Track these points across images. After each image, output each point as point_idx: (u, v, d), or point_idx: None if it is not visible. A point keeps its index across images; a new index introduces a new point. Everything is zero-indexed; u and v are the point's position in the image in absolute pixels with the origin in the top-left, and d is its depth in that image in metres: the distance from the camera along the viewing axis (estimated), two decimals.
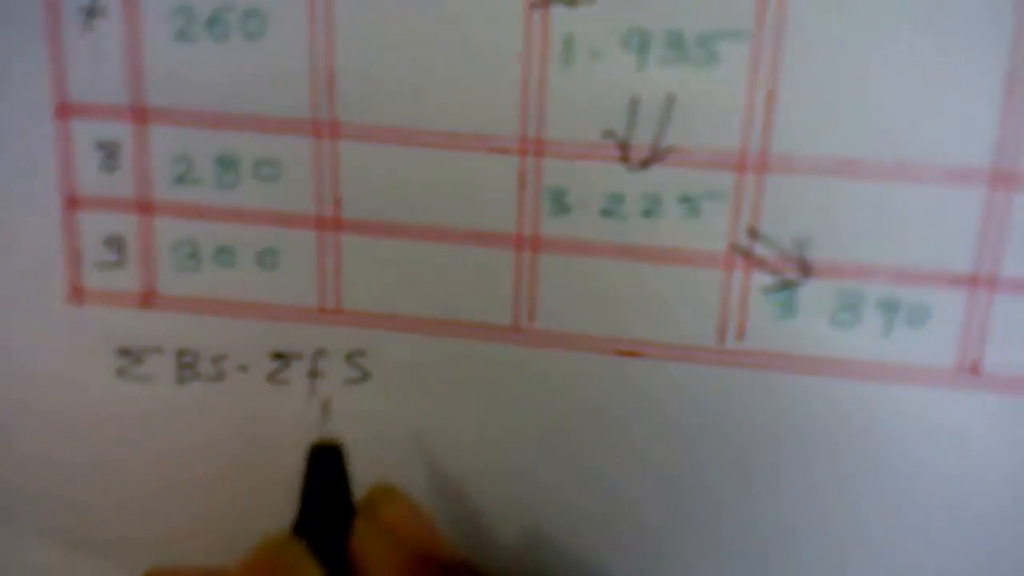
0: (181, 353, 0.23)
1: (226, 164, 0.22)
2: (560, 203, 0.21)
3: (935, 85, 0.19)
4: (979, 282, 0.20)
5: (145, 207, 0.22)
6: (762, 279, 0.20)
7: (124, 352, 0.23)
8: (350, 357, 0.22)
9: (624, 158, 0.20)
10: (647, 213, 0.20)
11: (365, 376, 0.22)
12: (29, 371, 0.23)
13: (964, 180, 0.19)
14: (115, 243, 0.22)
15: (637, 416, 0.21)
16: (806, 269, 0.20)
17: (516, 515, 0.23)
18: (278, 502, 0.22)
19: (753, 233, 0.20)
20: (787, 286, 0.20)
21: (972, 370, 0.20)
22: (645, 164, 0.20)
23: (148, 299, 0.23)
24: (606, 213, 0.21)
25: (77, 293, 0.23)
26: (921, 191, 0.19)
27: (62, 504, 0.24)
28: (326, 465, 0.20)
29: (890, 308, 0.20)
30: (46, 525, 0.24)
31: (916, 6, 0.18)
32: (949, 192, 0.19)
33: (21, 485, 0.24)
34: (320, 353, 0.22)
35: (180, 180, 0.22)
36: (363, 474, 0.21)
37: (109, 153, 0.22)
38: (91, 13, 0.21)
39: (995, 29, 0.18)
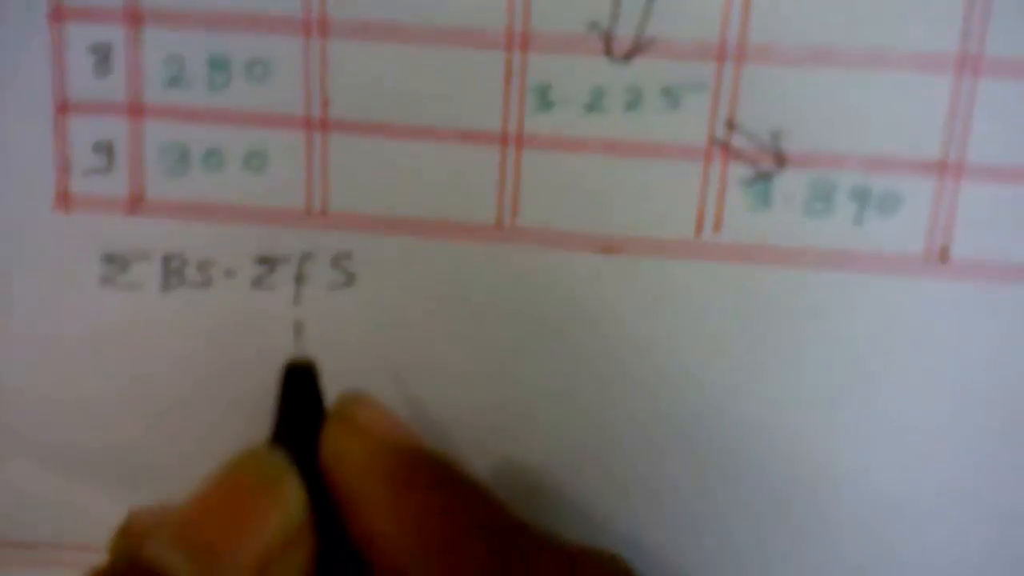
0: (168, 259, 0.23)
1: (217, 65, 0.22)
2: (544, 99, 0.21)
3: None
4: (947, 168, 0.21)
5: (136, 110, 0.22)
6: (739, 171, 0.21)
7: (110, 259, 0.23)
8: (336, 260, 0.23)
9: (607, 50, 0.21)
10: (629, 106, 0.21)
11: (350, 280, 0.23)
12: (15, 279, 0.23)
13: (932, 66, 0.20)
14: (104, 148, 0.23)
15: (619, 310, 0.22)
16: (781, 160, 0.21)
17: (497, 418, 0.23)
18: (262, 411, 0.22)
19: (731, 125, 0.21)
20: (763, 177, 0.21)
21: (941, 256, 0.21)
22: (628, 56, 0.21)
23: (135, 205, 0.23)
24: (589, 108, 0.21)
25: (64, 199, 0.23)
26: (892, 78, 0.20)
27: (39, 410, 0.24)
28: (300, 384, 0.20)
29: (862, 196, 0.21)
30: (22, 434, 0.24)
31: None
32: (918, 78, 0.20)
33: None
34: (306, 257, 0.23)
35: (171, 83, 0.22)
36: (346, 376, 0.21)
37: (102, 57, 0.22)
38: None
39: None
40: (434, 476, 0.18)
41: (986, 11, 0.20)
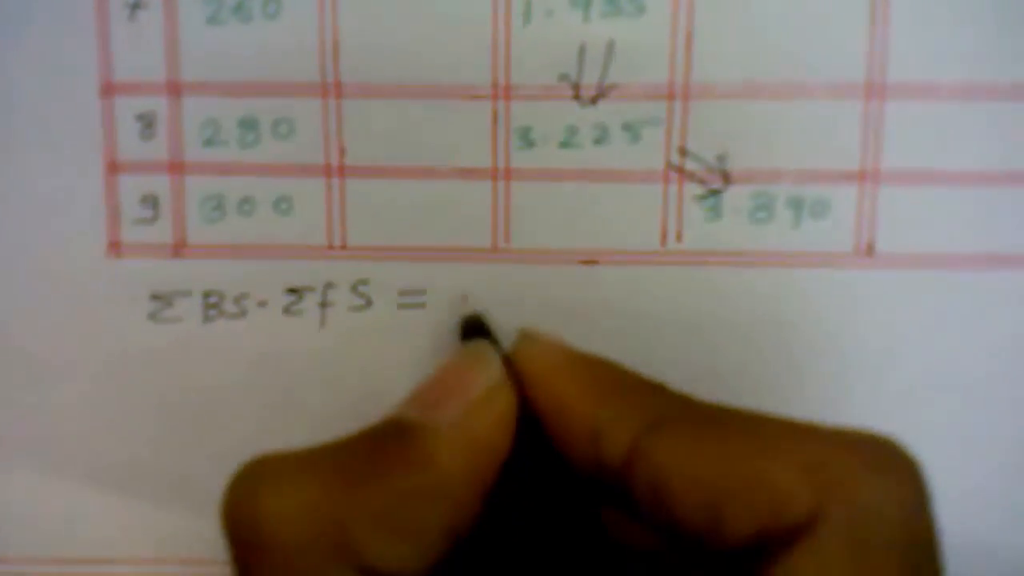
0: (207, 294, 0.26)
1: (248, 126, 0.26)
2: (526, 138, 0.25)
3: (814, 15, 0.24)
4: (867, 176, 0.25)
5: (177, 168, 0.26)
6: (693, 189, 0.25)
7: (156, 297, 0.26)
8: (355, 287, 0.26)
9: (576, 96, 0.25)
10: (597, 141, 0.25)
11: (368, 303, 0.26)
12: (73, 318, 0.26)
13: (845, 92, 0.24)
14: (150, 201, 0.26)
15: (598, 314, 0.26)
16: (727, 178, 0.25)
17: None
18: (297, 421, 0.26)
19: (683, 151, 0.25)
20: (713, 194, 0.25)
21: (867, 252, 0.25)
22: (594, 100, 0.25)
23: (179, 249, 0.26)
24: (564, 144, 0.25)
25: (116, 247, 0.26)
26: (813, 104, 0.25)
27: (98, 441, 0.27)
28: (476, 330, 0.24)
29: (797, 204, 0.25)
30: (80, 462, 0.27)
31: None
32: (835, 103, 0.24)
33: (58, 422, 0.27)
34: (329, 285, 0.26)
35: (208, 143, 0.26)
36: (367, 384, 0.25)
37: (147, 123, 0.26)
38: (135, 6, 0.26)
39: None
40: (622, 373, 0.21)
41: (885, 45, 0.24)
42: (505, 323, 0.26)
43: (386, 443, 0.19)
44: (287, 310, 0.26)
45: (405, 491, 0.18)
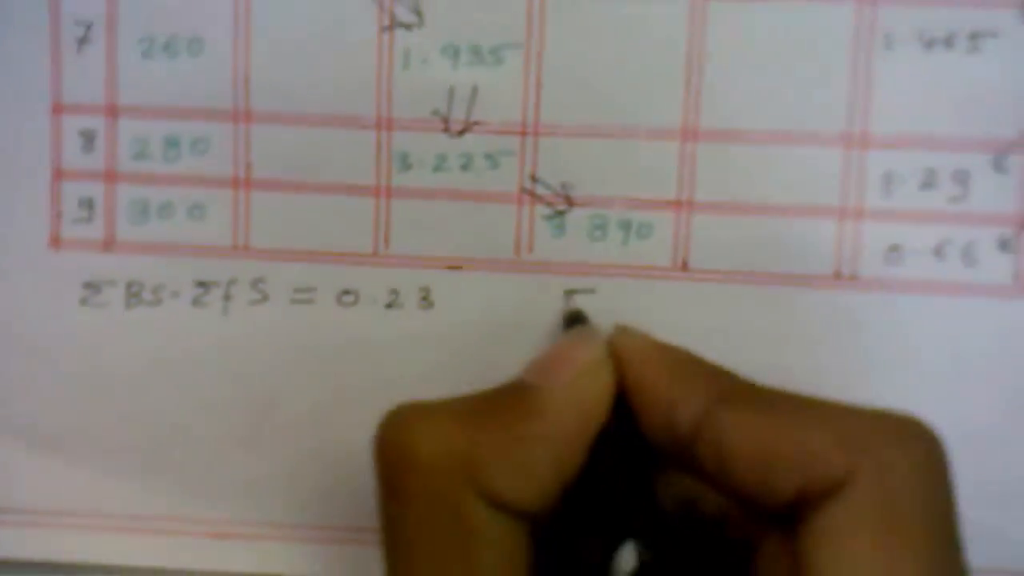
0: (130, 284, 0.31)
1: (171, 144, 0.31)
2: (405, 163, 0.30)
3: (640, 69, 0.29)
4: (682, 205, 0.30)
5: (110, 177, 0.31)
6: (542, 210, 0.30)
7: (88, 285, 0.31)
8: (254, 283, 0.31)
9: (446, 129, 0.30)
10: (463, 167, 0.30)
11: (265, 297, 0.31)
12: (18, 301, 0.31)
13: (665, 136, 0.29)
14: (87, 204, 0.31)
15: (459, 313, 0.30)
16: (570, 202, 0.30)
17: None
18: (199, 395, 0.30)
19: (534, 178, 0.30)
20: (559, 214, 0.30)
21: (683, 267, 0.30)
22: (460, 133, 0.30)
23: (108, 245, 0.31)
24: (436, 169, 0.30)
25: (56, 241, 0.31)
26: (638, 144, 0.29)
27: (34, 407, 0.31)
28: (576, 319, 0.29)
29: (626, 226, 0.30)
30: (16, 425, 0.31)
31: (610, 40, 0.29)
32: (655, 144, 0.29)
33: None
34: (232, 281, 0.31)
35: (137, 157, 0.31)
36: (265, 366, 0.29)
37: (88, 139, 0.31)
38: (83, 42, 0.31)
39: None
40: (695, 359, 0.25)
41: (698, 95, 0.29)
42: (385, 319, 0.31)
43: (509, 398, 0.24)
44: (196, 301, 0.31)
45: (522, 436, 0.23)
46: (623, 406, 0.24)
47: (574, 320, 0.29)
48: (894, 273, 0.29)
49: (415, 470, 0.22)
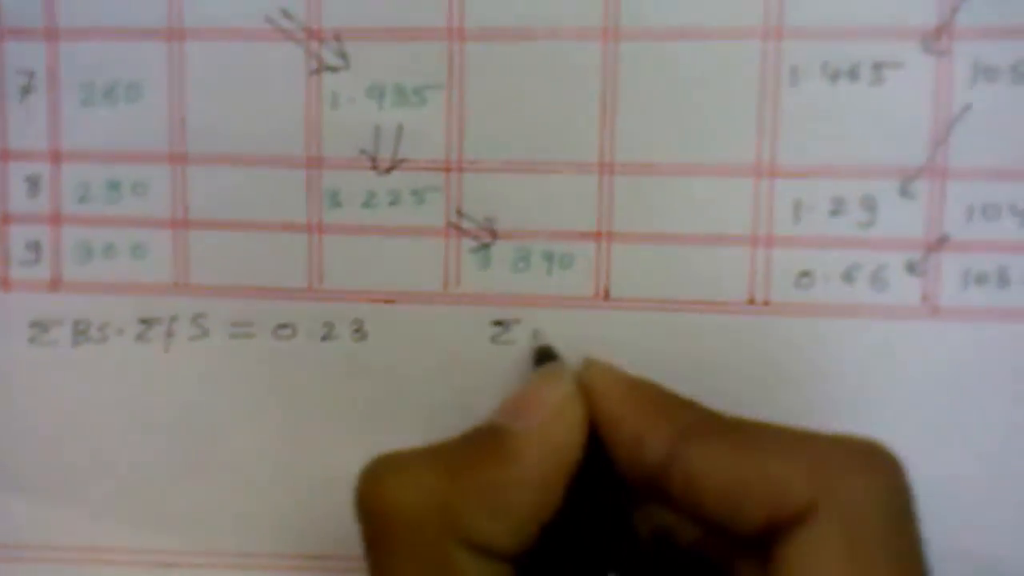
0: (76, 323, 0.32)
1: (112, 187, 0.32)
2: (335, 200, 0.31)
3: (557, 106, 0.30)
4: (602, 236, 0.31)
5: (55, 220, 0.32)
6: (468, 243, 0.31)
7: (36, 324, 0.32)
8: (195, 319, 0.32)
9: (374, 167, 0.31)
10: (391, 203, 0.31)
11: (205, 333, 0.32)
12: None
13: (584, 170, 0.30)
14: (33, 246, 0.32)
15: (393, 344, 0.31)
16: (494, 235, 0.31)
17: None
18: (144, 428, 0.31)
19: (460, 213, 0.31)
20: (484, 247, 0.31)
21: (604, 296, 0.31)
22: (388, 171, 0.31)
23: (55, 285, 0.32)
24: (365, 205, 0.31)
25: (5, 283, 0.32)
26: (560, 178, 0.31)
27: None
28: (546, 356, 0.30)
29: (549, 257, 0.31)
30: None
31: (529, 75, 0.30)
32: (576, 178, 0.31)
33: None
34: (173, 318, 0.32)
35: (81, 200, 0.32)
36: (205, 398, 0.31)
37: (33, 184, 0.32)
38: (26, 90, 0.32)
39: None
40: (661, 392, 0.25)
41: (613, 132, 0.30)
42: (321, 351, 0.32)
43: (483, 443, 0.24)
44: (139, 337, 0.32)
45: (498, 481, 0.23)
46: (597, 439, 0.25)
47: (544, 357, 0.30)
48: (806, 297, 0.30)
49: (395, 522, 0.23)
